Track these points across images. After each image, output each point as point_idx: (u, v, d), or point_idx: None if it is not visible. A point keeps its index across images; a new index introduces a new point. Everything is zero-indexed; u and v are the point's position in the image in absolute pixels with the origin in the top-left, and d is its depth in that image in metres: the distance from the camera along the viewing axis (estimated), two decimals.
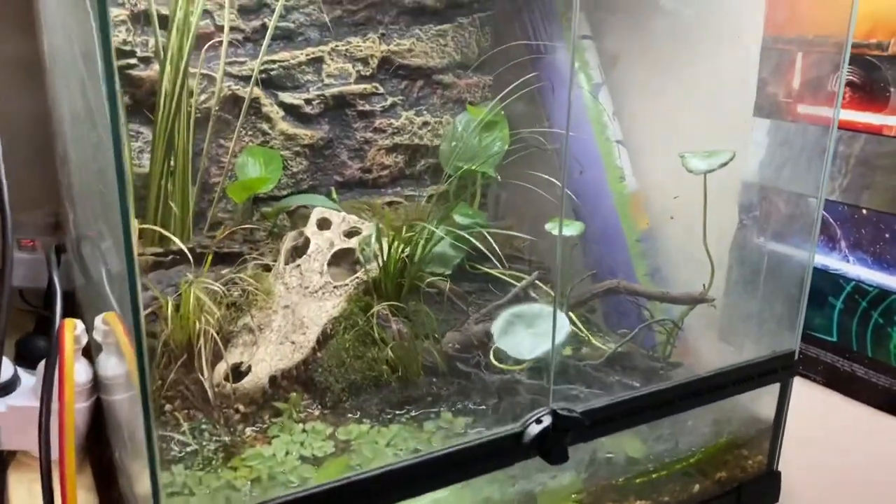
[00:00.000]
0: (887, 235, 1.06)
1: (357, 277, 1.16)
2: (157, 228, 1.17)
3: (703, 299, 1.12)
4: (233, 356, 1.05)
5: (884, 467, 1.12)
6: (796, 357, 1.07)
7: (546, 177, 1.27)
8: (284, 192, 1.35)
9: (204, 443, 0.96)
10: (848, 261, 1.12)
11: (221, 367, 1.02)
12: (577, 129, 1.36)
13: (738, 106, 1.19)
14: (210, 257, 1.11)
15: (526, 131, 1.34)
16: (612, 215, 1.37)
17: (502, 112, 1.37)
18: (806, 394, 1.14)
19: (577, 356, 1.12)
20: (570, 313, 1.16)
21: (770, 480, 1.09)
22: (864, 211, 1.08)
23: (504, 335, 1.01)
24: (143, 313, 0.59)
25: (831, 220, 1.12)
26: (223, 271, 1.14)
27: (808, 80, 1.10)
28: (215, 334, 1.04)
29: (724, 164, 1.05)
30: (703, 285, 1.12)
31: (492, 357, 1.05)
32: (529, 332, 1.01)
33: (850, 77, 1.05)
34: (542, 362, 1.03)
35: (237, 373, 1.03)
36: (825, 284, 1.14)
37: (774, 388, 1.07)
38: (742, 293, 1.17)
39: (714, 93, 1.24)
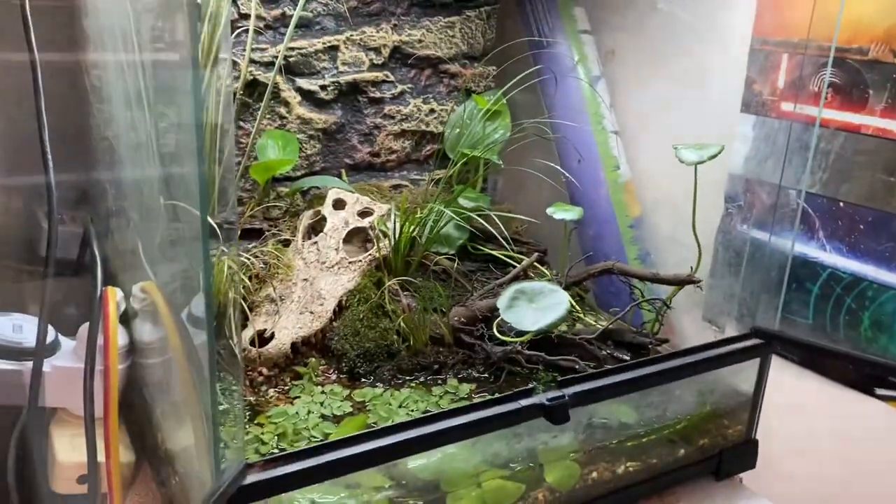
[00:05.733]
0: (862, 227, 1.10)
1: (370, 254, 1.20)
2: (189, 208, 1.20)
3: (690, 280, 1.16)
4: (258, 324, 1.10)
5: (849, 437, 1.21)
6: (775, 335, 1.14)
7: (550, 164, 1.36)
8: (299, 174, 1.37)
9: (234, 402, 1.02)
10: (825, 249, 1.15)
11: (248, 333, 1.07)
12: (575, 120, 1.40)
13: (726, 102, 1.23)
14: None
15: (529, 122, 1.39)
16: (606, 202, 1.42)
17: (505, 102, 1.42)
18: (782, 371, 1.21)
19: (572, 331, 1.19)
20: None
21: (748, 447, 1.16)
22: (842, 204, 1.12)
23: (509, 309, 1.07)
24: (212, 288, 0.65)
25: (811, 211, 1.15)
26: (249, 245, 1.21)
27: (792, 81, 1.12)
28: (243, 303, 1.10)
29: (714, 157, 1.10)
30: (691, 268, 1.17)
31: (495, 329, 1.10)
32: (532, 307, 1.08)
33: (832, 79, 1.09)
34: (542, 335, 1.11)
35: (262, 339, 1.08)
36: (803, 271, 1.17)
37: (754, 364, 1.15)
38: (726, 276, 1.22)
39: (703, 88, 1.28)
